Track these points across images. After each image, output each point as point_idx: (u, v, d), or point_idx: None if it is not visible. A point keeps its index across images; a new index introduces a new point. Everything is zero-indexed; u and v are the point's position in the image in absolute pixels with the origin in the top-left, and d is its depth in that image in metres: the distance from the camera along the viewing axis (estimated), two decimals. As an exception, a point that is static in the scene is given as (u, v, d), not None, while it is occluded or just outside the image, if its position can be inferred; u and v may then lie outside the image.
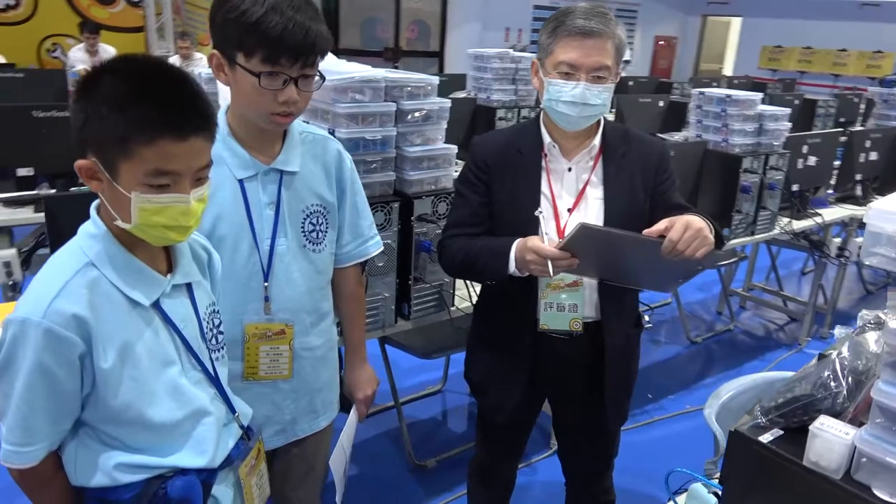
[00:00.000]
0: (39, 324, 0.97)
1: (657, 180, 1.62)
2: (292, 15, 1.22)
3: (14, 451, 1.01)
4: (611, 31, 1.49)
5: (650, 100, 4.94)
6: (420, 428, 2.94)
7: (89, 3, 7.84)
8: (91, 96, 0.97)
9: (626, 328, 1.69)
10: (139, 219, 0.99)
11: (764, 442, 0.90)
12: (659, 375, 3.50)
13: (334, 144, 1.50)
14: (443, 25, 11.03)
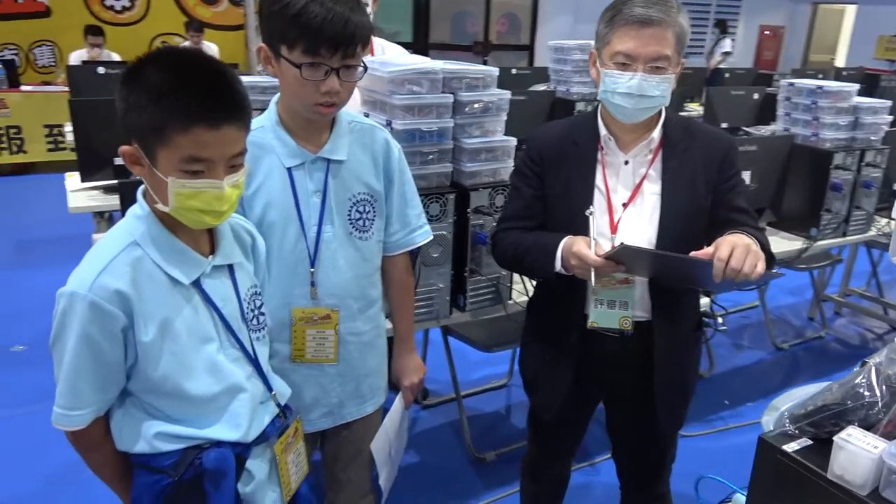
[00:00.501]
0: (85, 297, 1.04)
1: (720, 178, 1.54)
2: (332, 6, 1.25)
3: (63, 414, 1.10)
4: (671, 19, 1.42)
5: (743, 92, 4.69)
6: (482, 421, 2.94)
7: (195, 2, 8.29)
8: (133, 86, 1.03)
9: (681, 330, 1.62)
10: (175, 202, 1.05)
11: (788, 451, 0.84)
12: (739, 382, 3.34)
13: (382, 134, 1.52)
14: (534, 18, 10.91)
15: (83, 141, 2.91)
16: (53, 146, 6.59)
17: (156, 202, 1.09)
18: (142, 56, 1.07)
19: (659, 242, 1.52)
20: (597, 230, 1.53)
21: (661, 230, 1.52)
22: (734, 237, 1.34)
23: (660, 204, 1.52)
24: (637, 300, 1.55)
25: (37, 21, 7.47)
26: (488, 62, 9.94)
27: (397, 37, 9.79)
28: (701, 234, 1.52)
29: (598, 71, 1.51)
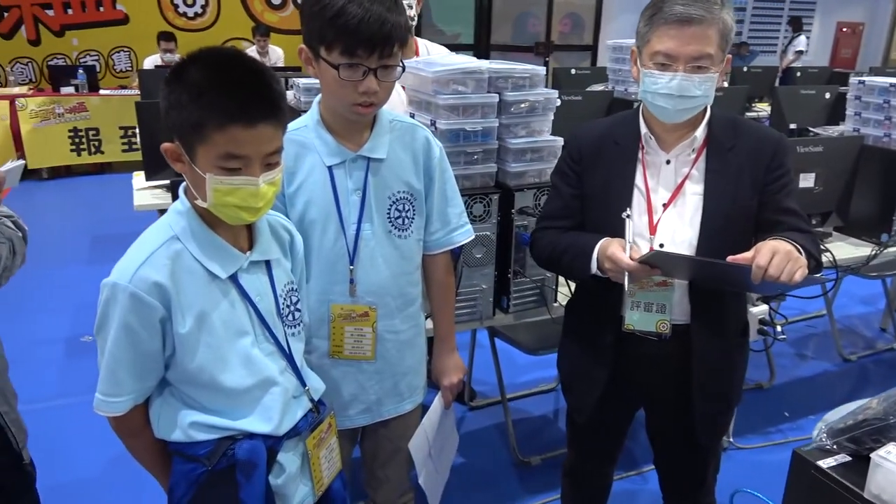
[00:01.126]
0: (126, 288, 1.09)
1: (768, 177, 1.48)
2: (369, 6, 1.26)
3: (103, 400, 1.15)
4: (714, 16, 1.37)
5: (814, 92, 4.48)
6: (529, 424, 2.91)
7: (263, 8, 8.53)
8: (175, 85, 1.07)
9: (723, 335, 1.56)
10: (213, 198, 1.08)
11: (823, 467, 0.80)
12: (800, 393, 3.19)
13: (423, 132, 1.52)
14: (597, 18, 10.73)
15: (148, 141, 3.05)
16: (127, 147, 6.91)
17: (196, 198, 1.12)
18: (185, 56, 1.10)
19: (700, 244, 1.47)
20: (635, 231, 1.50)
21: (703, 232, 1.47)
22: (775, 242, 1.30)
23: (702, 205, 1.48)
24: (676, 303, 1.51)
25: (116, 28, 7.85)
26: (549, 63, 9.84)
27: (458, 39, 9.83)
28: (745, 237, 1.46)
29: (639, 70, 1.48)
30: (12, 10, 7.41)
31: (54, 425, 2.75)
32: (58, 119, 6.68)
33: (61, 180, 6.88)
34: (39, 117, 6.62)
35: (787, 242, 1.32)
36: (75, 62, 7.61)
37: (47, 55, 7.64)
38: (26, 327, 3.62)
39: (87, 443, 2.62)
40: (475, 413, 2.95)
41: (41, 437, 1.53)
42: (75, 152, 6.83)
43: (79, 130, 6.79)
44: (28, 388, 1.47)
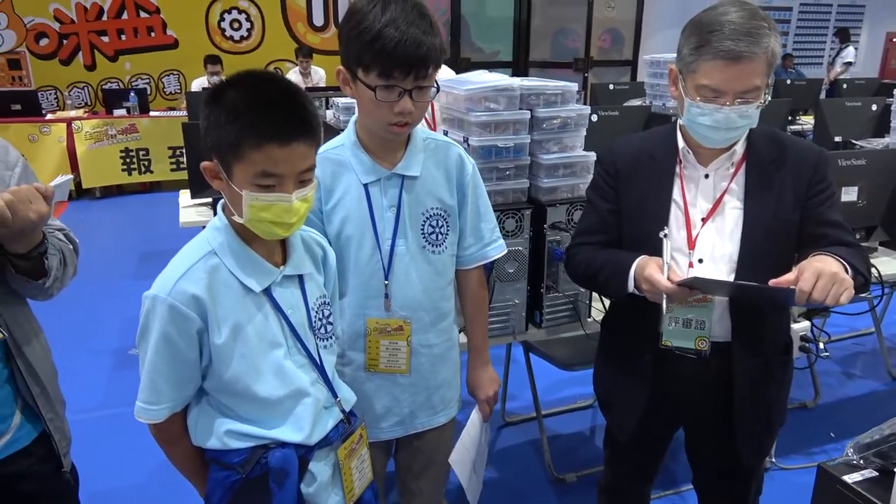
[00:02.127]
0: (165, 300, 1.14)
1: (811, 191, 1.46)
2: (406, 29, 1.29)
3: (143, 408, 1.20)
4: (762, 49, 1.33)
5: (860, 104, 4.38)
6: (565, 441, 2.89)
7: (305, 30, 8.75)
8: (214, 106, 1.12)
9: (766, 353, 1.53)
10: (249, 214, 1.13)
11: (848, 482, 0.79)
12: (847, 413, 3.09)
13: (456, 150, 1.55)
14: (637, 33, 10.69)
15: (194, 160, 3.15)
16: (175, 166, 7.14)
17: (233, 214, 1.17)
18: (224, 80, 1.16)
19: (740, 259, 1.45)
20: (673, 247, 1.49)
21: (743, 246, 1.45)
22: (820, 263, 1.27)
23: (742, 219, 1.46)
24: (716, 320, 1.49)
25: (167, 52, 8.16)
26: (588, 78, 9.82)
27: (497, 56, 9.89)
28: (786, 251, 1.45)
29: (680, 93, 1.46)
30: (70, 38, 7.76)
31: (99, 434, 2.84)
32: (110, 140, 6.96)
33: (112, 199, 7.15)
34: (93, 139, 6.90)
35: (832, 259, 1.29)
36: (127, 85, 7.92)
37: (102, 79, 7.97)
38: (76, 338, 3.76)
39: (131, 452, 2.71)
40: (510, 429, 2.94)
41: (86, 446, 1.58)
42: (126, 172, 7.09)
43: (130, 151, 7.05)
44: (76, 397, 1.52)
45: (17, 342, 1.30)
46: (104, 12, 7.81)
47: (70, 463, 1.46)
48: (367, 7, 1.32)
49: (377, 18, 1.30)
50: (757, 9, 1.38)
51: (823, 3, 11.15)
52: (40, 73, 7.73)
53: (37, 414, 1.35)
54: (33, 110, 6.87)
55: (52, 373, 1.43)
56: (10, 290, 1.31)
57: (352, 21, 1.34)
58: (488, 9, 10.11)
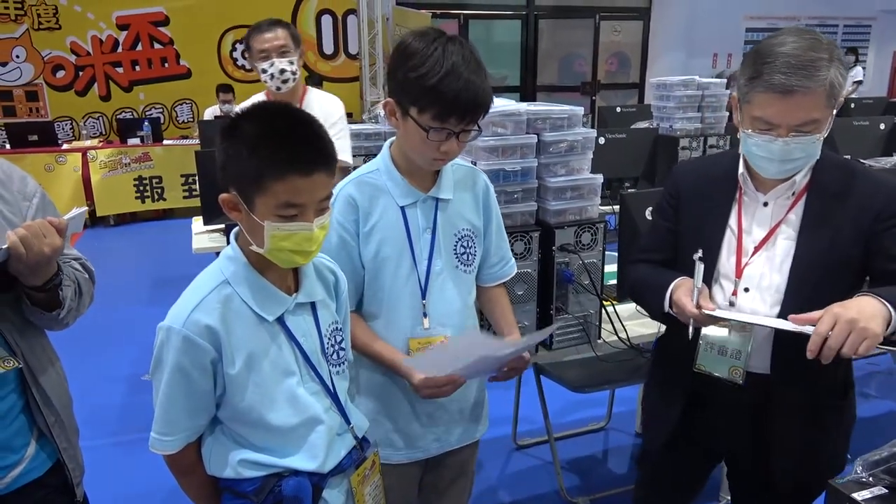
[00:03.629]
0: (180, 331, 1.15)
1: (878, 226, 1.36)
2: (468, 77, 1.33)
3: (158, 439, 1.20)
4: (819, 82, 1.27)
5: (867, 123, 4.39)
6: (578, 464, 2.87)
7: (315, 59, 8.88)
8: (231, 140, 1.14)
9: (813, 393, 1.44)
10: (270, 244, 1.14)
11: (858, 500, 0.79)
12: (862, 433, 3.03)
13: (482, 176, 1.63)
14: (643, 56, 10.78)
15: (206, 187, 3.20)
16: (188, 193, 7.23)
17: (250, 244, 1.17)
18: (236, 114, 1.18)
19: (787, 292, 1.40)
20: (721, 273, 1.47)
21: (791, 279, 1.40)
22: (841, 307, 1.21)
23: (793, 251, 1.40)
24: (755, 350, 1.43)
25: (180, 82, 8.30)
26: (595, 101, 9.89)
27: (506, 81, 10.00)
28: (841, 287, 1.36)
29: (739, 121, 1.43)
30: (86, 70, 7.92)
31: (112, 461, 2.85)
32: (124, 169, 7.06)
33: (126, 226, 7.23)
34: (108, 168, 7.01)
35: (868, 300, 1.23)
36: (141, 115, 8.05)
37: (116, 109, 8.11)
38: (90, 365, 3.79)
39: (143, 479, 2.71)
40: (522, 453, 2.93)
41: (99, 474, 1.59)
42: (139, 199, 7.18)
43: (143, 179, 7.15)
44: (90, 425, 1.53)
45: (32, 371, 1.32)
46: (119, 44, 7.98)
47: (83, 493, 1.46)
48: (426, 49, 1.34)
49: (438, 63, 1.33)
50: (818, 38, 1.31)
51: (829, 22, 11.22)
52: (57, 104, 7.88)
53: (51, 443, 1.36)
54: (50, 140, 7.00)
55: (67, 401, 1.43)
56: (26, 319, 1.32)
57: (411, 61, 1.35)
58: (496, 34, 10.25)
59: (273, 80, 2.73)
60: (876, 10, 11.34)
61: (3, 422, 1.28)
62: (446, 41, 1.36)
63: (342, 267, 1.47)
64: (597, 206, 2.04)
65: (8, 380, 1.28)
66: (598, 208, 2.05)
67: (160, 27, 8.10)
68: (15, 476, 1.31)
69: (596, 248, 2.01)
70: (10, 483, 1.30)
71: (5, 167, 1.33)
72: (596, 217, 2.04)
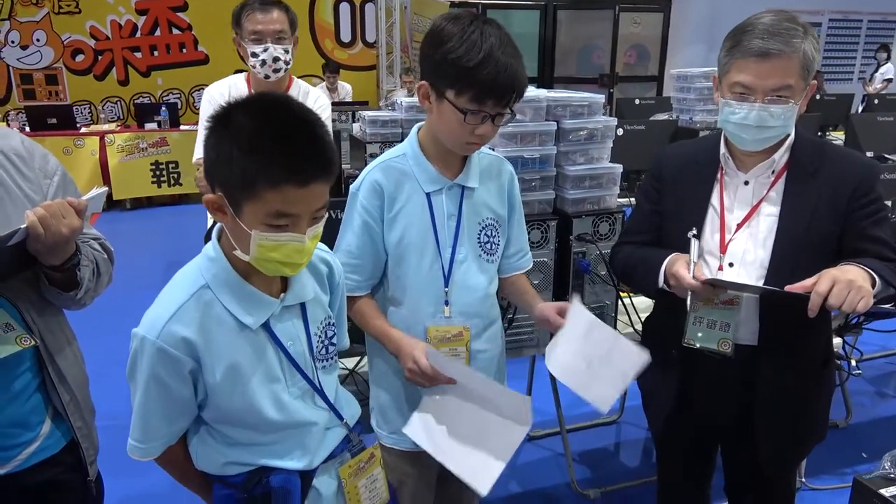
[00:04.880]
0: (154, 343, 1.08)
1: (853, 205, 1.44)
2: (505, 61, 1.32)
3: (136, 446, 1.17)
4: (794, 49, 1.36)
5: (891, 119, 4.31)
6: (589, 457, 2.85)
7: (333, 46, 8.87)
8: (221, 136, 1.03)
9: (796, 363, 1.52)
10: (257, 253, 1.05)
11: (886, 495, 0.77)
12: (880, 433, 3.01)
13: (508, 166, 1.60)
14: (663, 49, 10.67)
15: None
16: (204, 179, 7.24)
17: (234, 248, 1.08)
18: (230, 102, 1.05)
19: (771, 266, 1.46)
20: (706, 249, 1.53)
21: (775, 254, 1.46)
22: (838, 270, 1.29)
23: (776, 227, 1.47)
24: (742, 322, 1.49)
25: (197, 68, 8.32)
26: (614, 94, 9.81)
27: (522, 72, 9.92)
28: (820, 262, 1.42)
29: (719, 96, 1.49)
30: (105, 54, 7.96)
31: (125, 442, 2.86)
32: (141, 153, 7.10)
33: (142, 210, 7.27)
34: (125, 152, 7.04)
35: (856, 268, 1.30)
36: (159, 100, 8.09)
37: (134, 94, 8.15)
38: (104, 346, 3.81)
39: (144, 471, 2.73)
40: (533, 444, 2.91)
41: (112, 454, 1.59)
42: (156, 184, 7.22)
43: (160, 163, 7.18)
44: (103, 405, 1.54)
45: (49, 350, 1.32)
46: (138, 29, 8.01)
47: (96, 472, 1.47)
48: (462, 32, 1.32)
49: (476, 46, 1.31)
50: (794, 15, 1.41)
51: (853, 17, 11.04)
52: (75, 88, 7.94)
53: (66, 421, 1.36)
54: (68, 124, 7.05)
55: (83, 380, 1.43)
56: (44, 298, 1.32)
57: (448, 43, 1.33)
58: (514, 25, 10.17)
59: (264, 66, 2.42)
60: (902, 6, 11.14)
61: (19, 399, 1.29)
62: (483, 24, 1.34)
63: (365, 251, 1.45)
64: (615, 196, 2.02)
65: (24, 358, 1.28)
66: (616, 198, 2.02)
67: (179, 13, 8.12)
68: (30, 453, 1.31)
69: (613, 238, 1.98)
70: (26, 460, 1.31)
71: (27, 144, 1.33)
72: (614, 207, 2.02)
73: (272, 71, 2.44)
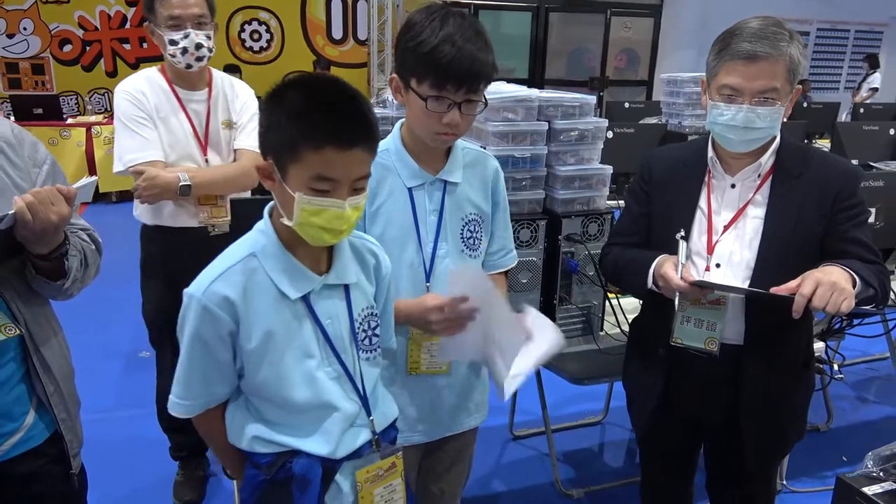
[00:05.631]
0: (200, 300, 1.14)
1: (836, 207, 1.47)
2: (462, 45, 1.33)
3: (175, 402, 1.21)
4: (780, 52, 1.41)
5: (877, 127, 4.37)
6: (574, 457, 2.87)
7: (324, 43, 8.85)
8: (273, 107, 1.12)
9: (780, 362, 1.55)
10: (300, 217, 1.11)
11: (868, 493, 0.78)
12: (860, 438, 3.05)
13: (493, 162, 1.60)
14: (653, 53, 10.73)
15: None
16: (192, 173, 7.20)
17: (281, 216, 1.15)
18: (284, 79, 1.14)
19: (757, 268, 1.49)
20: (693, 251, 1.55)
21: (760, 255, 1.49)
22: (821, 272, 1.32)
23: (762, 228, 1.50)
24: (729, 322, 1.52)
25: (186, 62, 8.25)
26: (604, 97, 9.85)
27: (513, 73, 9.95)
28: (805, 263, 1.45)
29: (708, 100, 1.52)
30: (94, 45, 7.89)
31: (110, 437, 2.85)
32: (128, 146, 7.03)
33: (128, 203, 7.08)
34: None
35: (838, 269, 1.33)
36: (147, 92, 8.01)
37: (122, 86, 8.08)
38: (89, 340, 3.78)
39: (141, 455, 2.71)
40: (518, 443, 2.92)
41: (96, 448, 1.58)
42: (143, 177, 7.15)
43: (147, 157, 7.11)
44: (88, 399, 1.52)
45: (34, 340, 1.30)
46: (127, 20, 7.94)
47: (79, 464, 1.45)
48: (425, 21, 1.36)
49: (434, 33, 1.34)
50: (780, 21, 1.44)
51: (841, 27, 11.16)
52: (63, 78, 7.86)
53: (49, 412, 1.35)
54: (55, 114, 6.97)
55: (68, 372, 1.42)
56: (30, 287, 1.31)
57: (410, 33, 1.37)
58: (506, 26, 10.20)
59: (185, 55, 2.17)
60: (888, 16, 11.28)
61: (3, 389, 1.27)
62: (446, 13, 1.36)
63: None
64: (605, 197, 2.03)
65: (9, 347, 1.27)
66: (605, 199, 2.04)
67: (169, 5, 8.06)
68: (13, 444, 1.30)
69: (602, 238, 2.00)
70: (8, 450, 1.29)
71: (17, 132, 1.31)
72: (603, 208, 2.03)
73: (195, 59, 2.19)
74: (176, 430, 2.50)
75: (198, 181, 2.20)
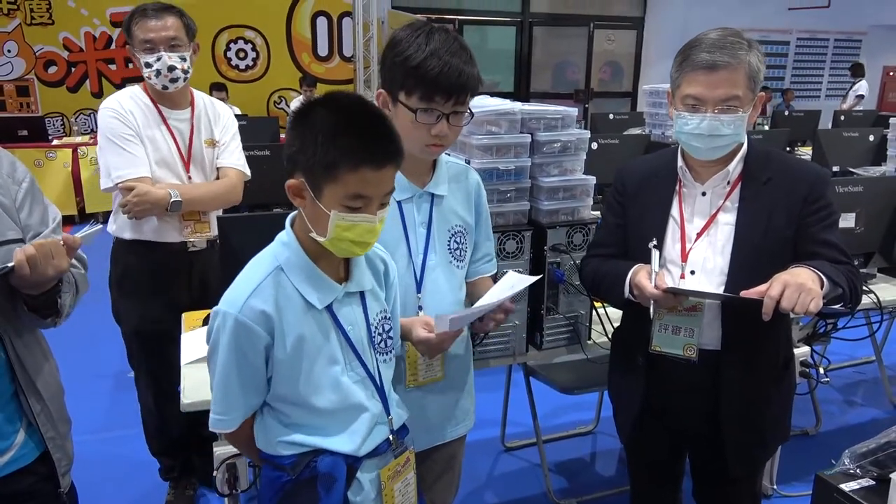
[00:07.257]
0: (235, 317, 1.17)
1: (805, 210, 1.51)
2: (448, 59, 1.38)
3: (218, 419, 1.24)
4: (739, 61, 1.45)
5: (857, 134, 4.45)
6: (565, 467, 2.88)
7: (310, 60, 8.89)
8: (304, 127, 1.15)
9: (759, 366, 1.57)
10: (334, 233, 1.16)
11: (846, 490, 0.80)
12: (849, 441, 3.03)
13: (475, 175, 1.65)
14: (637, 65, 10.85)
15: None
16: (179, 192, 7.18)
17: (309, 231, 1.19)
18: (311, 101, 1.19)
19: (730, 272, 1.52)
20: (668, 259, 1.58)
21: (733, 261, 1.52)
22: (789, 274, 1.35)
23: (733, 234, 1.53)
24: (706, 328, 1.55)
25: (172, 80, 8.25)
26: (588, 109, 9.95)
27: (497, 86, 10.03)
28: (777, 267, 1.48)
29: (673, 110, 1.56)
30: (79, 66, 7.89)
31: (99, 457, 2.83)
32: (115, 166, 7.01)
33: (116, 223, 7.15)
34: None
35: (805, 271, 1.36)
36: (133, 112, 8.00)
37: (108, 106, 8.07)
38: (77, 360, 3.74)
39: (129, 475, 2.69)
40: (510, 455, 2.93)
41: (86, 468, 1.58)
42: (130, 197, 7.12)
43: (134, 176, 7.09)
44: (77, 419, 1.52)
45: (20, 358, 1.31)
46: (112, 41, 7.95)
47: (69, 483, 1.45)
48: (410, 37, 1.41)
49: (421, 48, 1.39)
50: (738, 31, 1.48)
51: (821, 36, 11.34)
52: (48, 99, 7.84)
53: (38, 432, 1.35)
54: (40, 136, 6.97)
55: (57, 391, 1.42)
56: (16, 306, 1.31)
57: (396, 49, 1.42)
58: (491, 41, 10.29)
59: (159, 77, 2.23)
60: (867, 25, 11.48)
61: (-7, 408, 1.28)
62: (430, 29, 1.41)
63: None
64: (589, 207, 2.05)
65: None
66: (590, 210, 2.06)
67: (154, 25, 8.07)
68: (4, 462, 1.30)
69: (587, 248, 2.01)
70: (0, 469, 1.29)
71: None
72: (588, 218, 2.05)
73: (169, 81, 2.25)
74: (164, 454, 2.50)
75: (187, 198, 2.23)
